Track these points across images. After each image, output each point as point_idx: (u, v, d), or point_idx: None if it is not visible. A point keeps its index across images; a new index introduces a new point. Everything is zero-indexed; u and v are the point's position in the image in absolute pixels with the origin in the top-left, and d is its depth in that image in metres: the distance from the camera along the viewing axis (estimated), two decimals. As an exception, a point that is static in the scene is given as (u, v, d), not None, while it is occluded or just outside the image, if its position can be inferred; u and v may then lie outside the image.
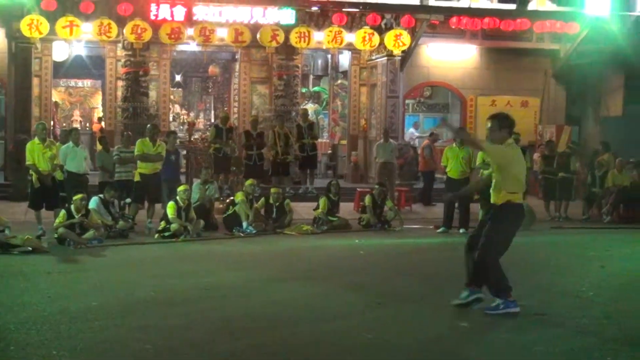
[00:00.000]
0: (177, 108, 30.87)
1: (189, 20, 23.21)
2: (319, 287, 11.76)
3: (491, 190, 9.83)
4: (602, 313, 9.82)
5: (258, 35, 23.80)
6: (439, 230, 18.74)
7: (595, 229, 20.25)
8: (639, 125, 30.16)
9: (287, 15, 23.89)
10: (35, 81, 24.48)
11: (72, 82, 32.83)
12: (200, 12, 23.48)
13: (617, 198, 21.62)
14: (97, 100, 33.23)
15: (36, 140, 17.23)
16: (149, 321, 9.42)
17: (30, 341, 8.34)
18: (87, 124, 32.17)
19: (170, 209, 17.08)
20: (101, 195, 17.39)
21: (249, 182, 19.16)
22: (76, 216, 15.80)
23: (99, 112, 31.69)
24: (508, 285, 9.47)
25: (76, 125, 31.44)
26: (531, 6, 27.67)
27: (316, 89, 31.67)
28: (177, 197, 17.30)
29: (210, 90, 33.97)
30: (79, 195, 16.19)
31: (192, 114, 32.74)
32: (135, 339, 8.55)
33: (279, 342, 8.53)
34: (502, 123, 9.80)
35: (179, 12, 23.20)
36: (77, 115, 33.20)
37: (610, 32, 26.37)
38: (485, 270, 9.52)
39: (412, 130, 30.01)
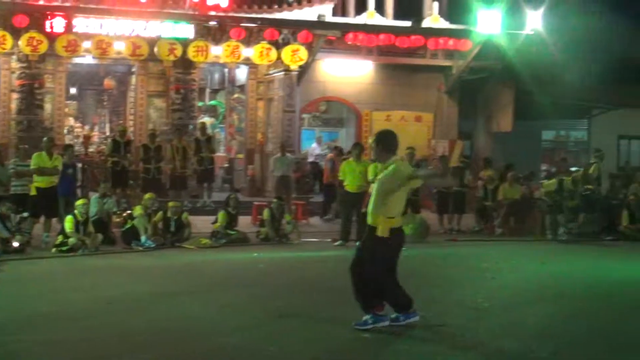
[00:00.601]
0: (71, 121, 30.44)
1: (69, 31, 22.99)
2: (219, 301, 11.79)
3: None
4: (497, 324, 10.14)
5: (156, 49, 23.78)
6: (336, 244, 18.94)
7: (488, 241, 20.71)
8: (527, 140, 31.13)
9: (185, 30, 23.93)
10: None
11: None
12: (81, 24, 23.32)
13: (508, 211, 22.17)
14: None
15: None
16: (52, 336, 9.40)
17: None
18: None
19: (68, 222, 16.93)
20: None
21: (147, 195, 19.07)
22: (-29, 231, 15.61)
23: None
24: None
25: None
26: (425, 24, 28.21)
27: (213, 102, 31.69)
28: (75, 211, 17.14)
29: (105, 103, 33.62)
30: (-27, 210, 15.99)
31: (87, 127, 32.35)
32: (40, 353, 8.54)
33: (183, 356, 8.61)
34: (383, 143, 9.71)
35: (78, 26, 23.07)
36: (-32, 127, 32.53)
37: (501, 49, 27.07)
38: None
39: (314, 145, 30.18)
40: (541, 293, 12.89)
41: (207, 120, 28.33)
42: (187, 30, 24.01)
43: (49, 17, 22.88)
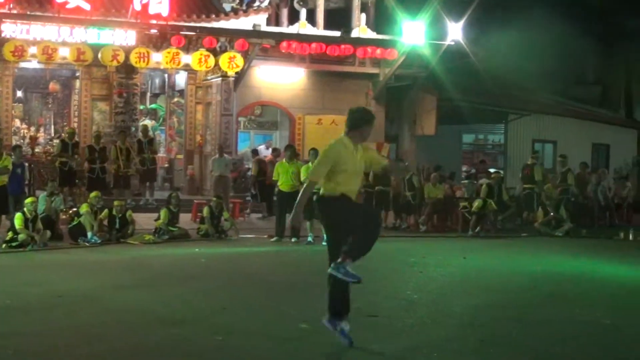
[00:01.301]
0: (17, 122, 30.03)
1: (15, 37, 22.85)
2: (165, 294, 11.77)
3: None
4: (426, 314, 10.29)
5: (100, 55, 23.60)
6: (272, 239, 19.03)
7: (413, 237, 20.96)
8: (448, 142, 31.52)
9: (127, 36, 23.81)
10: None
11: None
12: (8, 29, 23.06)
13: (431, 209, 22.45)
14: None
15: None
16: (6, 328, 9.31)
17: None
18: None
19: (18, 220, 16.78)
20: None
21: (93, 194, 18.93)
22: None
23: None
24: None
25: None
26: (354, 34, 28.38)
27: (153, 106, 31.48)
28: (25, 209, 17.01)
29: (50, 106, 33.21)
30: None
31: (32, 129, 31.95)
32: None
33: (133, 347, 8.57)
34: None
35: (24, 31, 22.86)
36: None
37: (425, 58, 27.39)
38: None
39: (262, 147, 30.06)
40: (466, 285, 13.11)
41: (148, 122, 28.16)
42: (129, 37, 23.87)
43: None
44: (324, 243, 9.13)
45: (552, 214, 21.91)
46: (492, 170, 26.58)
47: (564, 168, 23.52)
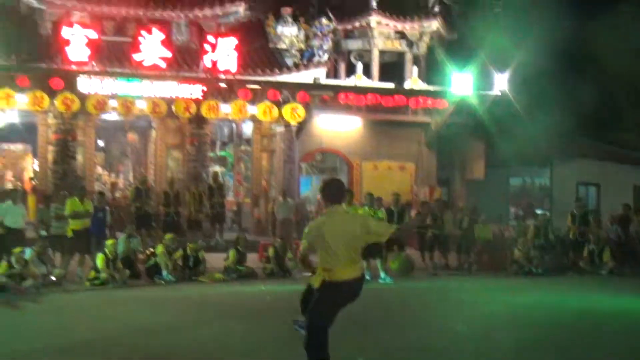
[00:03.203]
0: (99, 169, 30.58)
1: (97, 91, 23.34)
2: (233, 328, 11.90)
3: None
4: (475, 347, 10.24)
5: (173, 107, 23.99)
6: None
7: (465, 276, 20.78)
8: (496, 186, 31.31)
9: (198, 90, 24.18)
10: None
11: (5, 146, 32.29)
12: (121, 87, 23.59)
13: (481, 249, 22.26)
14: (28, 162, 32.75)
15: (-21, 199, 17.12)
16: (92, 358, 9.51)
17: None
18: (19, 183, 31.60)
19: (100, 259, 17.02)
20: (34, 247, 17.22)
21: (168, 236, 19.10)
22: (16, 267, 15.68)
23: (29, 173, 31.26)
24: None
25: (9, 184, 30.97)
26: (407, 85, 28.57)
27: (222, 153, 31.81)
28: (106, 250, 17.23)
29: (129, 154, 33.82)
30: (19, 248, 16.08)
31: (112, 175, 32.50)
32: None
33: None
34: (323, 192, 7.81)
35: (105, 87, 23.36)
36: (9, 175, 32.63)
37: (473, 108, 27.36)
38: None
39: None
40: (513, 321, 12.98)
41: (218, 169, 28.47)
42: (200, 91, 24.24)
43: (80, 79, 23.17)
44: (380, 280, 9.09)
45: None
46: (538, 211, 26.33)
47: (580, 210, 23.21)
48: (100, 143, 30.83)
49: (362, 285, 7.69)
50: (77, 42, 23.46)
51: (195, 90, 24.17)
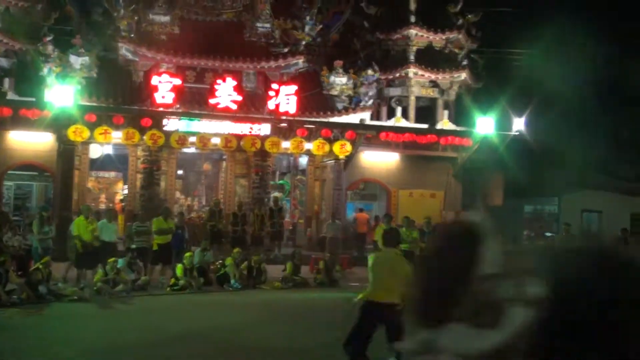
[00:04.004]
0: (177, 194, 30.96)
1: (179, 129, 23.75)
2: (295, 327, 12.07)
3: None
4: None
5: (242, 143, 24.26)
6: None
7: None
8: (513, 212, 31.12)
9: (263, 129, 24.46)
10: (75, 173, 24.61)
11: (100, 174, 32.90)
12: (202, 126, 23.97)
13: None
14: (119, 187, 33.29)
15: (81, 217, 17.48)
16: (179, 350, 9.65)
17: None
18: (110, 205, 32.13)
19: (179, 269, 17.29)
20: (125, 258, 17.50)
21: (236, 250, 19.33)
22: (110, 274, 15.98)
23: (120, 196, 31.77)
24: None
25: (102, 205, 31.53)
26: (438, 126, 28.60)
27: (281, 182, 32.04)
28: (184, 261, 17.50)
29: (202, 181, 34.22)
30: (112, 259, 16.41)
31: (188, 199, 32.88)
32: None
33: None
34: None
35: (186, 125, 23.75)
36: (103, 198, 33.21)
37: (494, 145, 27.27)
38: None
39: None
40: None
41: (277, 194, 28.68)
42: (265, 129, 24.52)
43: (166, 119, 23.62)
44: None
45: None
46: (548, 234, 26.10)
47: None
48: (180, 172, 31.21)
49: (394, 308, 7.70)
50: (164, 88, 23.90)
51: (261, 129, 24.45)
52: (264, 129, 24.49)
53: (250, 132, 24.35)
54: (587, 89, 32.38)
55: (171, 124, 23.74)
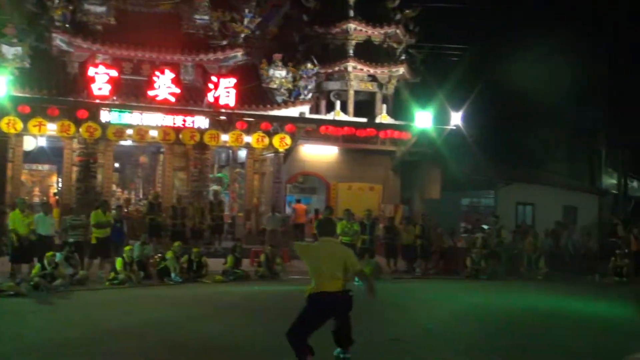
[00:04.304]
0: (114, 187, 30.42)
1: (116, 121, 23.33)
2: (235, 321, 11.93)
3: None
4: (440, 339, 10.35)
5: (180, 136, 23.97)
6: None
7: (424, 279, 20.85)
8: (450, 205, 31.57)
9: (202, 121, 24.23)
10: (8, 165, 24.01)
11: (34, 166, 32.14)
12: (138, 118, 23.60)
13: (438, 256, 22.43)
14: (53, 180, 32.57)
15: (17, 211, 17.06)
16: (114, 347, 9.49)
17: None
18: (44, 198, 31.39)
19: (119, 263, 17.04)
20: (63, 252, 17.16)
21: (176, 243, 19.10)
22: (48, 268, 15.62)
23: (54, 189, 31.07)
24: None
25: (36, 199, 30.81)
26: (377, 120, 28.82)
27: (220, 175, 31.77)
28: (124, 255, 17.26)
29: (139, 174, 33.70)
30: (50, 253, 16.03)
31: (125, 192, 32.33)
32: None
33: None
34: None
35: (123, 118, 23.38)
36: (36, 191, 32.45)
37: (432, 139, 27.62)
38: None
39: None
40: (468, 317, 13.14)
41: (215, 187, 28.44)
42: (204, 122, 24.30)
43: (103, 111, 23.19)
44: (355, 283, 9.05)
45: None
46: (484, 226, 26.50)
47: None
48: (117, 165, 30.68)
49: (343, 296, 8.06)
50: (100, 79, 23.42)
51: (200, 122, 24.21)
52: (203, 121, 24.22)
53: (185, 124, 23.97)
54: (523, 85, 33.03)
55: (108, 116, 23.28)
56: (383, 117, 29.53)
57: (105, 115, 23.30)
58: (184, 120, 24.05)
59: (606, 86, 39.26)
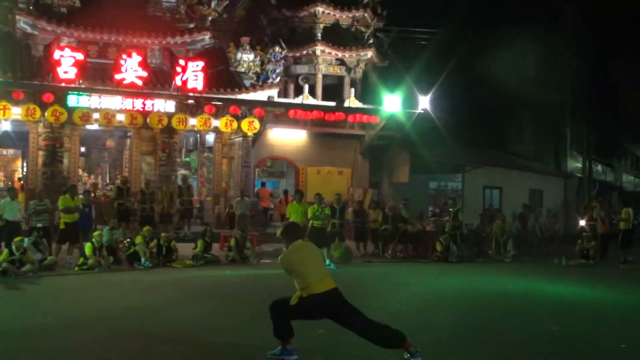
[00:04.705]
0: (80, 172, 30.14)
1: (82, 105, 23.05)
2: (206, 307, 11.85)
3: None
4: (413, 323, 10.35)
5: (148, 120, 23.78)
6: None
7: (393, 262, 20.85)
8: (418, 188, 31.74)
9: (170, 105, 24.05)
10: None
11: (-2, 151, 31.78)
12: (105, 102, 23.33)
13: (407, 240, 22.47)
14: (17, 165, 32.21)
15: (-18, 196, 16.85)
16: (83, 335, 9.40)
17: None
18: (9, 183, 31.01)
19: (88, 248, 16.87)
20: (31, 237, 16.95)
21: (145, 228, 19.01)
22: (16, 254, 15.43)
23: (19, 174, 30.72)
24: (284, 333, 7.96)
25: (0, 183, 30.43)
26: (345, 103, 28.81)
27: (188, 159, 31.63)
28: (93, 240, 17.10)
29: (106, 159, 33.44)
30: (18, 238, 15.85)
31: (92, 177, 32.06)
32: (80, 348, 8.57)
33: (201, 347, 8.69)
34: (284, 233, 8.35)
35: (89, 101, 23.10)
36: (1, 175, 32.07)
37: (400, 123, 27.70)
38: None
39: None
40: (440, 300, 13.19)
41: (183, 172, 28.30)
42: (171, 106, 24.10)
43: (69, 95, 22.89)
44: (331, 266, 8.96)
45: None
46: (450, 209, 26.72)
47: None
48: (83, 149, 30.37)
49: (336, 294, 7.87)
50: (66, 62, 23.12)
51: (167, 105, 24.02)
52: (170, 105, 24.05)
53: (153, 108, 23.82)
54: (491, 69, 33.24)
55: (74, 100, 22.99)
56: (352, 101, 29.56)
57: (72, 100, 22.99)
58: (152, 105, 23.84)
59: (572, 70, 39.59)
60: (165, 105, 24.02)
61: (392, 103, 27.23)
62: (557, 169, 42.49)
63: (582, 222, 24.44)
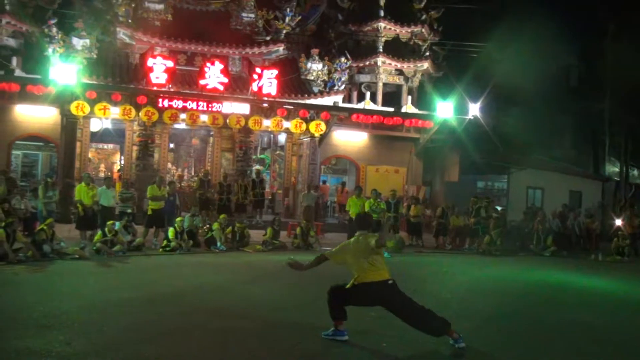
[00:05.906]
0: (169, 165, 30.49)
1: (172, 107, 23.15)
2: (275, 287, 11.81)
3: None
4: (457, 309, 10.05)
5: (228, 120, 23.85)
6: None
7: (442, 253, 20.51)
8: (467, 187, 31.09)
9: (247, 108, 24.06)
10: (77, 144, 24.09)
11: (100, 145, 32.33)
12: (167, 102, 23.37)
13: (454, 233, 22.05)
14: (116, 158, 32.78)
15: (83, 184, 17.06)
16: (171, 308, 9.38)
17: (89, 321, 8.27)
18: (109, 173, 31.60)
19: (171, 232, 16.96)
20: (121, 221, 17.13)
21: (222, 216, 19.05)
22: (108, 235, 15.60)
23: (117, 166, 31.26)
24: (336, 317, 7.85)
25: (102, 174, 31.00)
26: (403, 109, 28.37)
27: (262, 156, 31.71)
28: (175, 225, 17.17)
29: (191, 154, 33.78)
30: (111, 221, 16.03)
31: (179, 170, 32.42)
32: (161, 319, 8.53)
33: (264, 323, 8.56)
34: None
35: (178, 104, 23.25)
36: (102, 167, 32.69)
37: (452, 128, 27.17)
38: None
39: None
40: (483, 289, 12.83)
41: (258, 167, 28.34)
42: (248, 109, 24.11)
43: (160, 98, 23.09)
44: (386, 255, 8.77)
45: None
46: (498, 207, 26.11)
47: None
48: (171, 145, 30.73)
49: (388, 285, 7.58)
50: (158, 69, 23.39)
51: (245, 108, 24.04)
52: (248, 108, 24.04)
53: (235, 111, 23.82)
54: (536, 80, 32.30)
55: (164, 102, 23.19)
56: (408, 107, 29.10)
57: (162, 101, 23.19)
58: (233, 107, 23.90)
59: (611, 81, 38.14)
60: (242, 108, 24.01)
61: (444, 109, 26.70)
62: (595, 172, 41.12)
63: (618, 222, 23.52)
